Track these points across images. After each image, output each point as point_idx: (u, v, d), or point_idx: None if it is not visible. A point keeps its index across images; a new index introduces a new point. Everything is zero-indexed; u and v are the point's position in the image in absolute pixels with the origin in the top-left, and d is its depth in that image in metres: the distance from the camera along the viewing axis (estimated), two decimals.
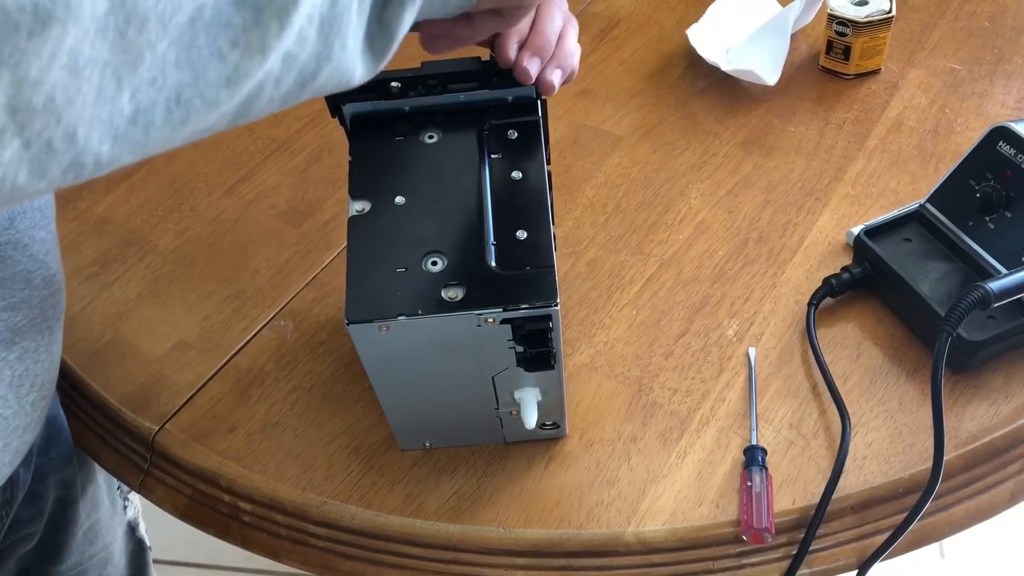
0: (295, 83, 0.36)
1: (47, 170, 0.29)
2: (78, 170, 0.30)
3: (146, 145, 0.32)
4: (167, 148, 0.33)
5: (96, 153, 0.30)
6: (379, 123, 0.57)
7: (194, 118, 0.32)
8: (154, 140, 0.32)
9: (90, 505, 0.75)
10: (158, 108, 0.31)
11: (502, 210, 0.52)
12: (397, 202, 0.53)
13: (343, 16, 0.36)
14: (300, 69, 0.35)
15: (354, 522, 0.59)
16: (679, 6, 0.97)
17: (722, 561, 0.57)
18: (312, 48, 0.35)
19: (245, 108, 0.35)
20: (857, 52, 0.83)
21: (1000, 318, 0.60)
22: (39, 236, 0.55)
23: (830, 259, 0.71)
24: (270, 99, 0.35)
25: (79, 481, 0.72)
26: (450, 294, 0.49)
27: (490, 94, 0.56)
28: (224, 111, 0.34)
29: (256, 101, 0.35)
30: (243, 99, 0.34)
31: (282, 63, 0.34)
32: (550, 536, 0.57)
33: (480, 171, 0.54)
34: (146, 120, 0.31)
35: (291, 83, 0.36)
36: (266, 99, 0.35)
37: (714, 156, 0.80)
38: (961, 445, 0.59)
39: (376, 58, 0.40)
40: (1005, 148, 0.63)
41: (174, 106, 0.31)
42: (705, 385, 0.64)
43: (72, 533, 0.73)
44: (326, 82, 0.38)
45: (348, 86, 0.39)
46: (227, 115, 0.34)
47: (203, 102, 0.32)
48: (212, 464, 0.63)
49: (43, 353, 0.57)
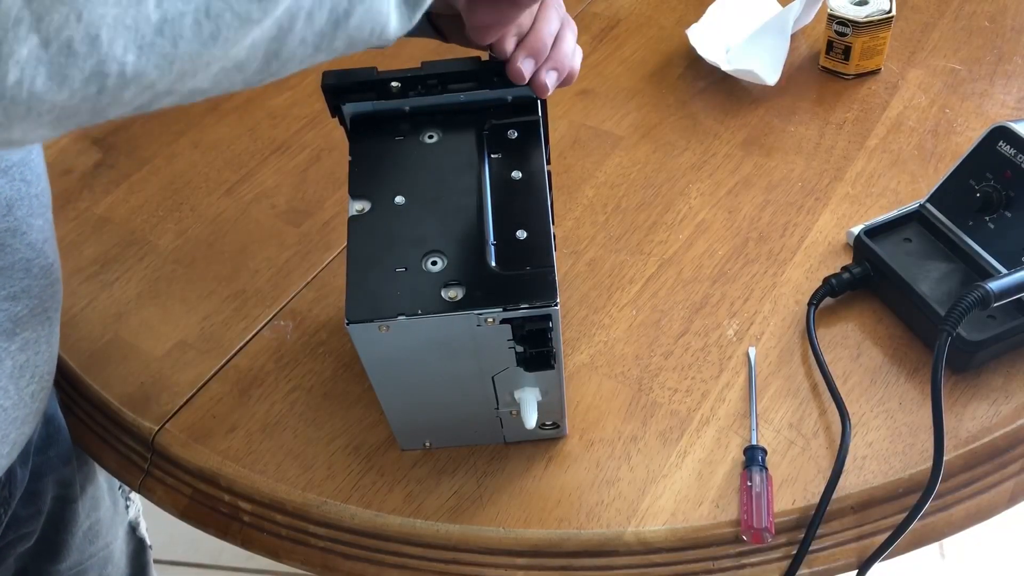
0: (328, 21, 0.35)
1: (68, 76, 0.27)
2: (101, 80, 0.28)
3: (174, 60, 0.30)
4: (197, 70, 0.31)
5: (120, 62, 0.28)
6: (379, 123, 0.57)
7: (224, 35, 0.31)
8: (183, 55, 0.30)
9: (90, 505, 0.75)
10: (187, 19, 0.29)
11: (502, 210, 0.52)
12: (397, 202, 0.53)
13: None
14: (333, 4, 0.34)
15: (354, 522, 0.59)
16: (679, 6, 0.97)
17: (722, 561, 0.57)
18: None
19: (278, 43, 0.33)
20: (857, 52, 0.83)
21: (1000, 318, 0.60)
22: (37, 224, 0.55)
23: (830, 259, 0.71)
24: (303, 37, 0.34)
25: (78, 481, 0.72)
26: (450, 294, 0.49)
27: (490, 94, 0.56)
28: (256, 37, 0.32)
29: (289, 36, 0.33)
30: (275, 27, 0.32)
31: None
32: (550, 536, 0.57)
33: (480, 171, 0.54)
34: (174, 31, 0.29)
35: (324, 20, 0.34)
36: (299, 35, 0.34)
37: (714, 156, 0.80)
38: (961, 445, 0.59)
39: (410, 10, 0.39)
40: (1005, 148, 0.63)
41: (203, 18, 0.30)
42: (705, 385, 0.64)
43: (71, 533, 0.73)
44: (360, 26, 0.36)
45: (383, 37, 0.38)
46: (260, 45, 0.32)
47: (233, 16, 0.30)
48: (212, 464, 0.63)
49: (43, 344, 0.57)
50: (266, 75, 0.35)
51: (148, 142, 0.88)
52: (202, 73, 0.32)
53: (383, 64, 0.56)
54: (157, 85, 0.30)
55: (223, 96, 0.91)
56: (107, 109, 0.30)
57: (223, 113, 0.90)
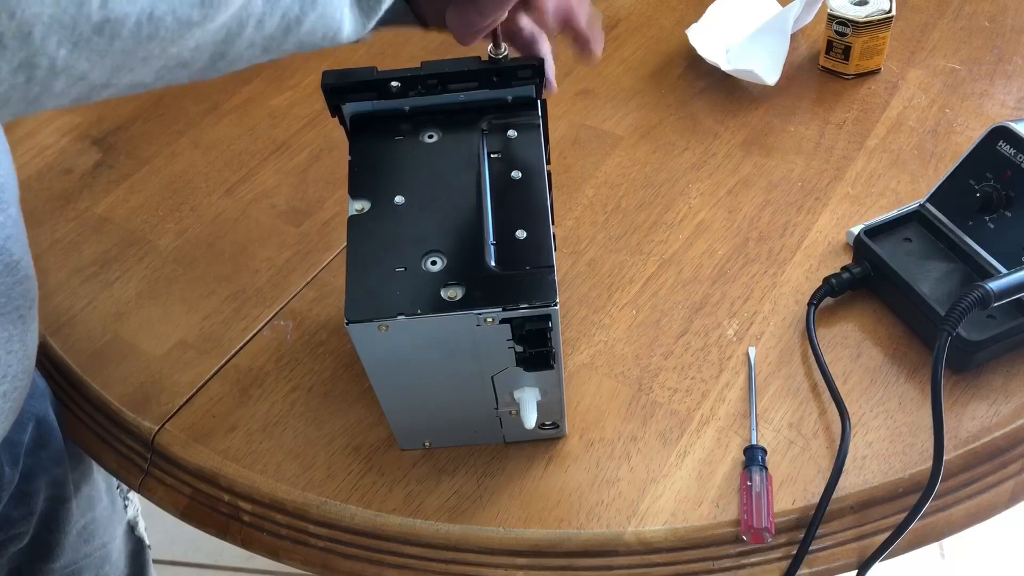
0: (279, 27, 0.34)
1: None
2: (30, 71, 0.28)
3: (106, 55, 0.30)
4: (134, 66, 0.31)
5: (52, 57, 0.28)
6: (379, 123, 0.57)
7: (162, 36, 0.31)
8: (117, 51, 0.30)
9: (85, 504, 0.75)
10: (129, 20, 0.29)
11: (502, 210, 0.52)
12: (397, 202, 0.53)
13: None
14: (284, 11, 0.34)
15: (354, 522, 0.59)
16: (679, 6, 0.97)
17: (722, 561, 0.57)
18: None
19: (225, 45, 0.33)
20: (857, 52, 0.83)
21: (1000, 318, 0.60)
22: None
23: (830, 259, 0.71)
24: (251, 41, 0.34)
25: (71, 480, 0.72)
26: (449, 294, 0.49)
27: (490, 94, 0.56)
28: (201, 40, 0.32)
29: (237, 40, 0.33)
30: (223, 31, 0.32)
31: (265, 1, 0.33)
32: (550, 536, 0.57)
33: (480, 171, 0.54)
34: (113, 30, 0.29)
35: (274, 26, 0.34)
36: (247, 40, 0.34)
37: (714, 156, 0.80)
38: (961, 445, 0.59)
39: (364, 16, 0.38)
40: (1005, 148, 0.63)
41: (145, 21, 0.30)
42: (705, 385, 0.64)
43: (65, 532, 0.73)
44: (312, 31, 0.36)
45: (335, 42, 0.38)
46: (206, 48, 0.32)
47: (174, 19, 0.30)
48: (212, 464, 0.63)
49: (15, 343, 0.56)
50: (212, 72, 0.35)
51: (148, 142, 0.88)
52: (140, 68, 0.32)
53: (383, 64, 0.56)
54: (91, 77, 0.30)
55: (223, 96, 0.92)
56: (40, 98, 0.30)
57: (223, 113, 0.90)
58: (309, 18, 0.35)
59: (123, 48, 0.30)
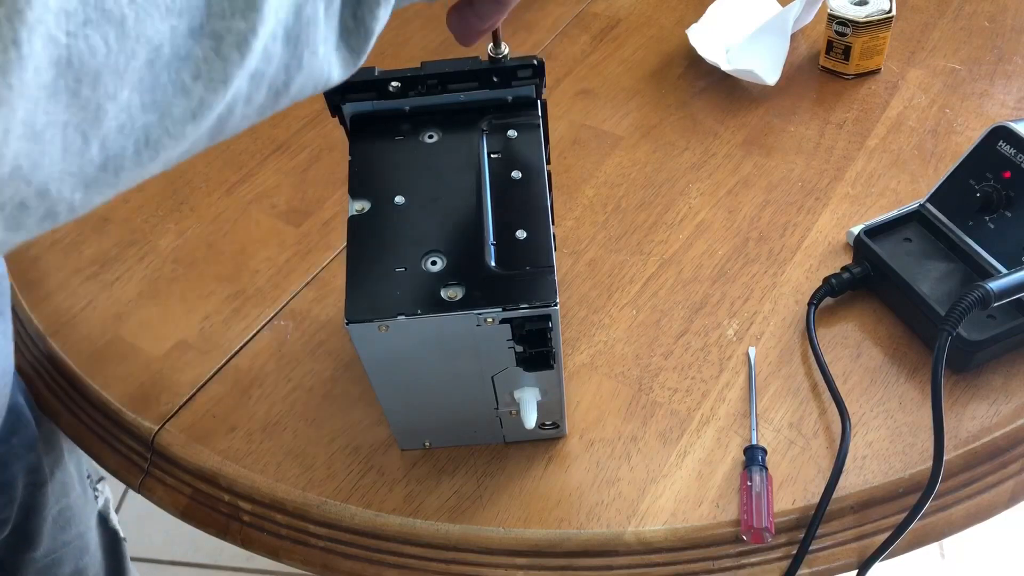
0: (267, 97, 0.35)
1: (22, 224, 0.29)
2: (53, 219, 0.30)
3: (117, 185, 0.32)
4: (140, 182, 0.33)
5: (69, 201, 0.30)
6: (379, 123, 0.57)
7: (164, 154, 0.32)
8: (124, 180, 0.32)
9: (59, 490, 0.75)
10: (127, 152, 0.31)
11: (502, 210, 0.52)
12: (397, 202, 0.53)
13: (310, 25, 0.35)
14: (270, 83, 0.35)
15: (354, 522, 0.59)
16: (679, 6, 0.97)
17: (722, 561, 0.57)
18: (280, 62, 0.34)
19: (218, 130, 0.34)
20: (857, 52, 0.83)
21: (1000, 318, 0.60)
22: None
23: (830, 259, 0.71)
24: (244, 115, 0.35)
25: (46, 465, 0.72)
26: (449, 294, 0.49)
27: (490, 94, 0.56)
28: (196, 139, 0.33)
29: (228, 120, 0.34)
30: (214, 123, 0.33)
31: (249, 82, 0.33)
32: (550, 536, 0.57)
33: (480, 171, 0.54)
34: (116, 165, 0.31)
35: (262, 98, 0.35)
36: (239, 116, 0.35)
37: (714, 156, 0.80)
38: (961, 445, 0.59)
39: (354, 54, 0.39)
40: (1005, 148, 0.63)
41: (143, 147, 0.31)
42: (705, 385, 0.64)
43: (43, 517, 0.73)
44: (301, 89, 0.37)
45: (327, 87, 0.39)
46: (201, 140, 0.34)
47: (171, 139, 0.32)
48: (212, 464, 0.63)
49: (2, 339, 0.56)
50: (208, 146, 0.36)
51: None
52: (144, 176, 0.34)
53: (383, 64, 0.56)
54: (103, 199, 0.32)
55: None
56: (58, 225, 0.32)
57: None
58: (296, 81, 0.36)
59: (130, 176, 0.32)
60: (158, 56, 0.30)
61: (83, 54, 0.27)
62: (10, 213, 0.28)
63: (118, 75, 0.29)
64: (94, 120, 0.29)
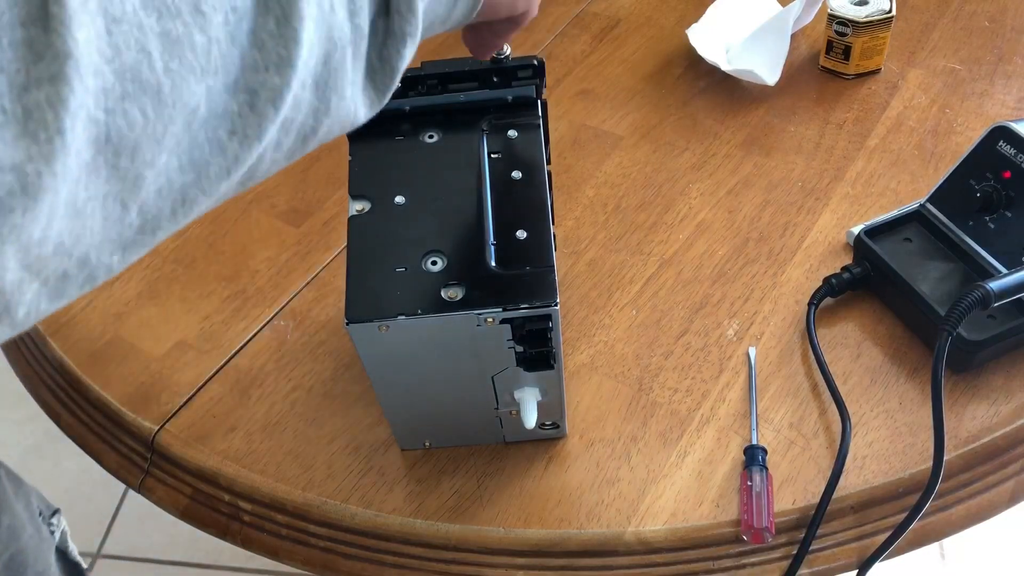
0: (296, 142, 0.36)
1: (64, 292, 0.29)
2: (92, 283, 0.31)
3: (153, 243, 0.32)
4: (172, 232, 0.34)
5: (108, 265, 0.30)
6: (379, 123, 0.57)
7: (198, 209, 0.33)
8: (160, 237, 0.32)
9: (7, 536, 0.73)
10: (164, 212, 0.31)
11: (502, 210, 0.52)
12: (397, 202, 0.53)
13: (338, 70, 0.35)
14: (299, 130, 0.35)
15: (354, 522, 0.59)
16: (679, 6, 0.97)
17: (722, 561, 0.57)
18: (308, 108, 0.35)
19: (248, 178, 0.35)
20: (857, 52, 0.83)
21: (1000, 318, 0.60)
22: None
23: (830, 259, 0.71)
24: (272, 160, 0.35)
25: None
26: (450, 294, 0.49)
27: (490, 94, 0.56)
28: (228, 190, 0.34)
29: (258, 169, 0.35)
30: (244, 174, 0.34)
31: (279, 130, 0.34)
32: (550, 536, 0.57)
33: (480, 171, 0.54)
34: (153, 226, 0.31)
35: (291, 143, 0.35)
36: (268, 162, 0.35)
37: (714, 156, 0.80)
38: (961, 445, 0.59)
39: (379, 93, 0.39)
40: (1005, 148, 0.63)
41: (179, 207, 0.31)
42: (705, 385, 0.64)
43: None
44: (329, 132, 0.37)
45: (353, 127, 0.39)
46: (231, 190, 0.34)
47: (205, 196, 0.32)
48: (212, 464, 0.63)
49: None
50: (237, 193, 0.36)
51: None
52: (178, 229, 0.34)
53: None
54: (139, 257, 0.33)
55: None
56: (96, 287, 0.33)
57: None
58: (324, 125, 0.37)
59: (164, 234, 0.32)
60: (195, 117, 0.30)
61: (121, 129, 0.27)
62: (53, 285, 0.29)
63: (156, 142, 0.29)
64: (133, 188, 0.29)
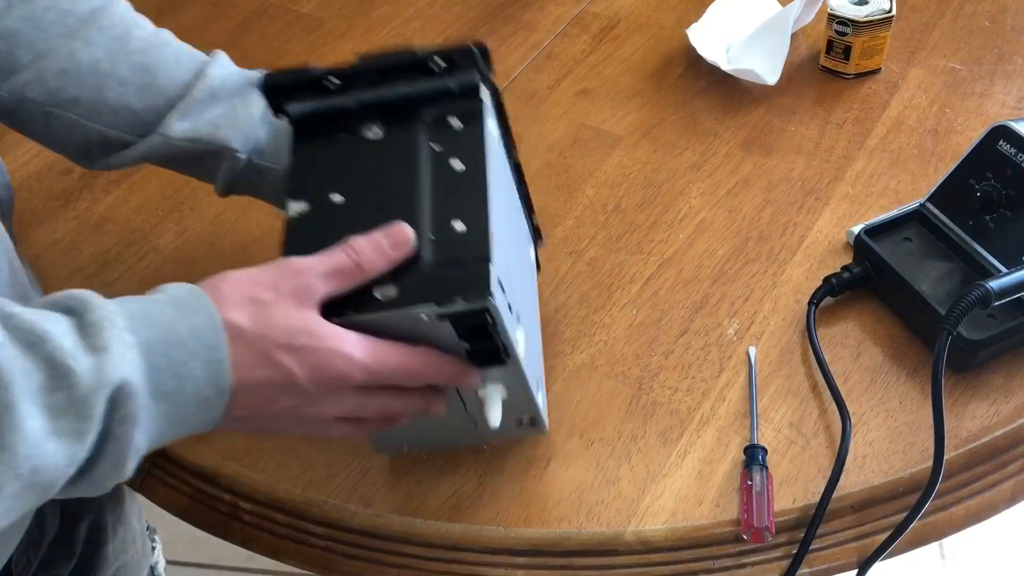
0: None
1: None
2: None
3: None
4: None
5: None
6: (322, 120, 0.54)
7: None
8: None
9: (120, 548, 0.74)
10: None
11: (441, 202, 0.50)
12: (335, 200, 0.51)
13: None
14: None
15: (354, 522, 0.59)
16: (679, 6, 0.97)
17: (722, 560, 0.57)
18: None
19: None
20: (857, 52, 0.83)
21: (1000, 317, 0.60)
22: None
23: (830, 259, 0.71)
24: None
25: (110, 524, 0.71)
26: (384, 292, 0.47)
27: (434, 84, 0.54)
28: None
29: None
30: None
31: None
32: (550, 536, 0.57)
33: (420, 163, 0.52)
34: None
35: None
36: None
37: (714, 156, 0.80)
38: (961, 444, 0.59)
39: (74, 440, 0.40)
40: (1005, 147, 0.63)
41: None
42: (705, 384, 0.64)
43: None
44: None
45: (54, 485, 0.40)
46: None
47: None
48: (212, 464, 0.63)
49: None
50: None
51: None
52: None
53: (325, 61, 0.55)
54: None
55: None
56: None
57: None
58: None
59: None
60: None
61: None
62: None
63: None
64: None
